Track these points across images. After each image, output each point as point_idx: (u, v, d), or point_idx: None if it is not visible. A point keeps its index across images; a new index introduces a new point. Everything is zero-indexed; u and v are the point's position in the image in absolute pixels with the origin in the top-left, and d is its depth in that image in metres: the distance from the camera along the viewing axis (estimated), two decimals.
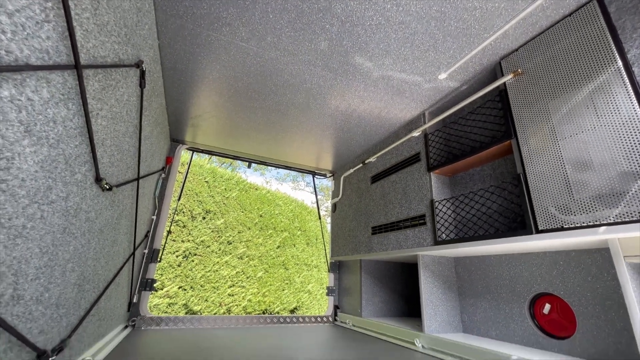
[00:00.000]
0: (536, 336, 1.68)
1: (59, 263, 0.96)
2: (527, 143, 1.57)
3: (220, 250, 5.04)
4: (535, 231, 1.44)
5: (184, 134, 2.99)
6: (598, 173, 1.26)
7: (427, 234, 2.09)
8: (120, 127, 1.35)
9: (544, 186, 1.45)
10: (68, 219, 0.97)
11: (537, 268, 1.74)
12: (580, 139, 1.35)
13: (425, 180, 2.23)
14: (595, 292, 1.48)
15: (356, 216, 3.08)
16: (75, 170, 0.96)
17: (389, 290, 3.11)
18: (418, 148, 2.37)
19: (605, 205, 1.22)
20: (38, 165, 0.75)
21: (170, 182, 2.94)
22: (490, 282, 1.98)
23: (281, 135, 2.90)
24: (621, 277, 1.17)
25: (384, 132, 2.74)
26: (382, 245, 2.55)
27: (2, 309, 0.70)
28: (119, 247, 1.70)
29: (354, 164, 3.32)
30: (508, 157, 1.95)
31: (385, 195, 2.65)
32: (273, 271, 5.56)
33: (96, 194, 1.19)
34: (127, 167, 1.58)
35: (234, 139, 3.04)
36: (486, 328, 1.95)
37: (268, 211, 5.91)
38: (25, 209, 0.73)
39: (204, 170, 5.30)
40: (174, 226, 4.59)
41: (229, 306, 4.92)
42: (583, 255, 1.55)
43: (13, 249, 0.70)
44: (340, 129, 2.74)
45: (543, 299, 1.72)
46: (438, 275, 2.18)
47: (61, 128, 0.84)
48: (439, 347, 1.84)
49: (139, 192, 1.88)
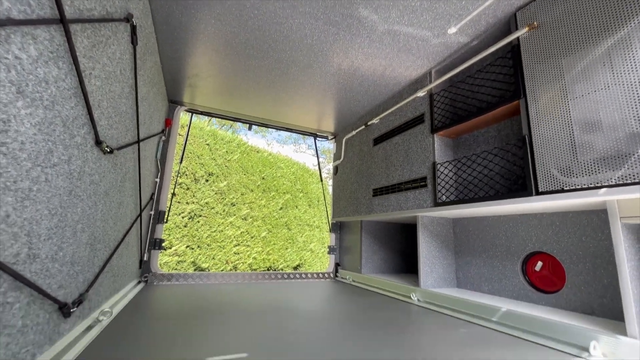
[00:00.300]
0: (526, 291, 1.78)
1: (69, 224, 0.99)
2: (536, 103, 1.52)
3: (225, 211, 5.17)
4: (535, 193, 1.45)
5: (181, 95, 2.91)
6: (605, 134, 1.24)
7: (427, 196, 2.12)
8: (116, 88, 1.31)
9: (548, 148, 1.44)
10: (72, 181, 0.98)
11: (534, 228, 1.78)
12: (592, 99, 1.30)
13: (428, 142, 2.20)
14: (587, 250, 1.54)
15: (357, 178, 3.10)
16: (74, 133, 0.95)
17: (388, 249, 3.24)
18: (422, 109, 2.31)
19: (608, 168, 1.21)
20: (36, 128, 0.74)
21: (171, 144, 2.92)
22: (486, 242, 2.05)
23: (282, 95, 2.81)
24: (615, 236, 1.20)
25: (388, 92, 2.65)
26: (382, 207, 2.60)
27: (21, 266, 0.74)
28: (125, 209, 1.75)
29: (356, 126, 3.26)
30: (514, 119, 1.90)
31: (387, 157, 2.64)
32: (276, 231, 5.75)
33: (98, 157, 1.19)
34: (127, 130, 1.56)
35: (234, 99, 2.96)
36: (479, 284, 2.06)
37: (270, 174, 5.95)
38: (29, 172, 0.73)
39: (205, 133, 5.24)
40: (177, 188, 4.66)
41: (235, 263, 5.18)
42: (580, 216, 1.59)
43: (23, 211, 0.72)
44: (343, 89, 2.64)
45: (536, 257, 1.79)
46: (436, 235, 2.25)
47: (54, 89, 0.81)
48: (434, 300, 1.96)
49: (140, 155, 1.88)
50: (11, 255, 0.70)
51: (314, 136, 3.84)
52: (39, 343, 0.86)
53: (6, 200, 0.66)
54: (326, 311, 1.83)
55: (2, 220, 0.65)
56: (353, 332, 1.39)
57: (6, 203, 0.66)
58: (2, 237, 0.66)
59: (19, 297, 0.75)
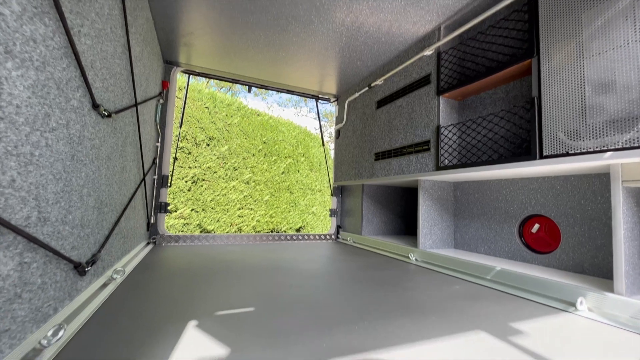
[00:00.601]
0: (521, 251, 1.84)
1: (75, 188, 1.00)
2: (549, 61, 1.44)
3: (227, 175, 5.21)
4: (539, 157, 1.44)
5: (177, 55, 2.78)
6: (619, 95, 1.19)
7: (429, 160, 2.11)
8: (108, 47, 1.25)
9: (557, 110, 1.40)
10: (73, 146, 0.97)
11: (534, 192, 1.80)
12: (609, 57, 1.23)
13: (433, 104, 2.14)
14: (585, 213, 1.56)
15: (360, 142, 3.07)
16: (70, 96, 0.93)
17: (389, 211, 3.30)
18: (429, 69, 2.21)
19: (616, 130, 1.19)
20: (29, 91, 0.72)
21: (170, 107, 2.86)
22: (486, 205, 2.08)
23: (282, 55, 2.68)
24: (614, 199, 1.22)
25: (393, 50, 2.51)
26: (384, 171, 2.60)
27: (33, 229, 0.76)
28: (128, 174, 1.76)
29: (359, 88, 3.15)
30: (525, 79, 1.82)
31: (391, 120, 2.59)
32: (279, 195, 5.84)
33: (96, 121, 1.17)
34: (123, 93, 1.51)
35: (232, 60, 2.83)
36: (476, 245, 2.13)
37: (271, 138, 5.88)
38: (29, 136, 0.73)
39: (203, 96, 5.10)
40: (179, 153, 4.66)
41: (239, 226, 5.34)
42: (582, 180, 1.59)
43: (27, 176, 0.73)
44: (346, 48, 2.51)
45: (533, 220, 1.83)
46: (437, 198, 2.28)
47: (43, 48, 0.78)
48: (431, 260, 2.04)
49: (139, 119, 1.85)
50: (22, 218, 0.72)
51: (316, 98, 3.74)
52: (59, 298, 0.92)
53: (9, 165, 0.66)
54: (328, 269, 1.92)
55: (8, 185, 0.66)
56: (353, 287, 1.48)
57: (10, 168, 0.67)
58: (11, 202, 0.67)
59: (35, 257, 0.78)
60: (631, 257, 1.21)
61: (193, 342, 0.87)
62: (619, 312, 1.14)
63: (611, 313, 1.16)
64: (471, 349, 0.89)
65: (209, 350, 0.83)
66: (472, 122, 2.01)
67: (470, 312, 1.19)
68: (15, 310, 0.71)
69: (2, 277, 0.66)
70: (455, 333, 0.99)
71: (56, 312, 0.91)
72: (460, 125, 2.06)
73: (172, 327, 0.97)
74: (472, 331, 1.01)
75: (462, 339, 0.95)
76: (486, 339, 0.95)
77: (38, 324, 0.81)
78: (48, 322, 0.85)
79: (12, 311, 0.70)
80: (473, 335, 0.98)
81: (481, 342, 0.93)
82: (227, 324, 1.01)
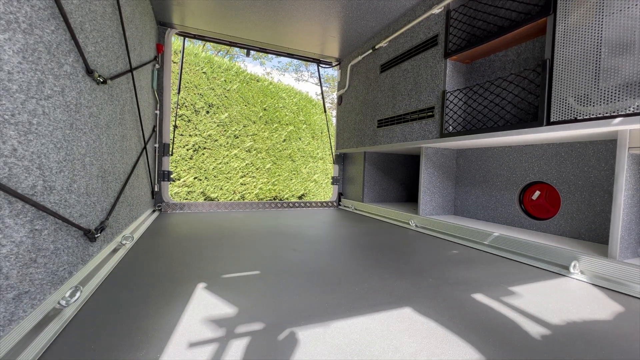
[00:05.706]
0: (519, 217, 1.87)
1: (77, 157, 1.00)
2: (566, 20, 1.36)
3: (228, 143, 5.17)
4: (546, 123, 1.41)
5: (170, 16, 2.63)
6: (636, 57, 1.13)
7: (433, 127, 2.07)
8: (97, 7, 1.18)
9: (569, 73, 1.34)
10: (71, 114, 0.96)
11: (537, 159, 1.78)
12: (630, 14, 1.15)
13: (439, 68, 2.05)
14: (587, 180, 1.56)
15: (362, 109, 2.99)
16: (62, 61, 0.89)
17: (390, 179, 3.32)
18: (437, 29, 2.09)
19: (628, 95, 1.14)
20: (19, 56, 0.69)
21: (166, 73, 2.76)
22: (488, 172, 2.08)
23: (281, 15, 2.53)
24: (619, 165, 1.21)
25: (399, 8, 2.36)
26: (387, 138, 2.57)
27: (39, 197, 0.78)
28: (129, 142, 1.75)
29: (362, 50, 3.01)
30: (538, 40, 1.73)
31: (395, 86, 2.50)
32: (280, 163, 5.84)
33: (92, 88, 1.14)
34: (117, 57, 1.46)
35: (228, 21, 2.68)
36: (475, 211, 2.16)
37: (272, 104, 5.75)
38: (24, 104, 0.71)
39: (200, 60, 4.90)
40: (179, 121, 4.58)
41: (243, 193, 5.41)
42: (587, 146, 1.57)
43: (28, 145, 0.73)
44: (349, 5, 2.35)
45: (535, 187, 1.83)
46: (439, 166, 2.27)
47: (28, 8, 0.73)
48: (431, 226, 2.09)
49: (136, 86, 1.80)
50: (28, 187, 0.73)
51: (317, 62, 3.58)
52: (73, 263, 0.97)
53: (9, 134, 0.66)
54: (330, 234, 1.98)
55: (10, 154, 0.66)
56: (355, 252, 1.53)
57: (10, 137, 0.66)
58: (15, 171, 0.68)
59: (45, 224, 0.81)
60: (629, 222, 1.23)
61: (203, 302, 0.93)
62: (610, 275, 1.18)
63: (602, 275, 1.20)
64: (468, 308, 0.94)
65: (217, 309, 0.88)
66: (479, 86, 1.94)
67: (467, 274, 1.24)
68: (32, 273, 0.74)
69: (16, 243, 0.68)
70: (450, 293, 1.04)
71: (71, 276, 0.95)
72: (467, 90, 1.99)
73: (182, 288, 1.02)
74: (467, 292, 1.06)
75: (457, 299, 1.00)
76: (481, 299, 1.00)
77: (55, 285, 0.85)
78: (65, 284, 0.90)
79: (30, 275, 0.73)
80: (467, 294, 1.03)
81: (475, 301, 0.98)
82: (234, 286, 1.06)
